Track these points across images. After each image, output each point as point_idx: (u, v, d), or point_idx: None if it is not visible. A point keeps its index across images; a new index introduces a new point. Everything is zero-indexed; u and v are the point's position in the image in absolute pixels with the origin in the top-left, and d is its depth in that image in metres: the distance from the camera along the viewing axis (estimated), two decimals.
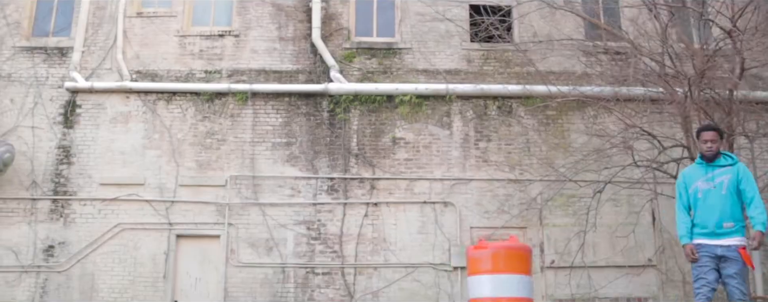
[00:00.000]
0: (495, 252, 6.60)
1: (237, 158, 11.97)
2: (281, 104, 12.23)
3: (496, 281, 6.33)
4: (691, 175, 5.75)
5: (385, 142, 12.12)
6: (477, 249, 6.79)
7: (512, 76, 12.45)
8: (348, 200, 11.85)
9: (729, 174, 5.63)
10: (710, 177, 5.63)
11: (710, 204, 5.56)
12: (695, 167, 5.79)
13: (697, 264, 5.53)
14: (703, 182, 5.63)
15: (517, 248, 6.66)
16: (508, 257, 6.53)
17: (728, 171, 5.66)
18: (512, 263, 6.48)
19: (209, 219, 11.71)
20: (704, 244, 5.54)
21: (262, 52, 12.49)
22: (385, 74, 12.48)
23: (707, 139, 5.68)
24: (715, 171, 5.66)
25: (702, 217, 5.57)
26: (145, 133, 12.03)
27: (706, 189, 5.59)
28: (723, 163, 5.72)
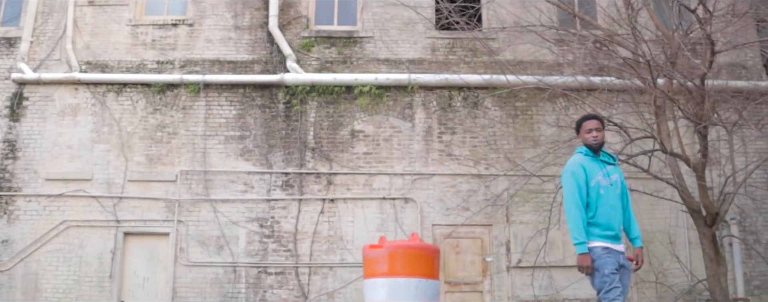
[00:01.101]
0: (392, 253, 5.87)
1: (188, 152, 11.44)
2: (235, 96, 11.69)
3: (393, 285, 5.64)
4: (590, 167, 4.95)
5: (344, 135, 11.54)
6: (373, 249, 6.10)
7: (479, 65, 11.81)
8: (303, 196, 11.28)
9: (617, 174, 5.06)
10: (607, 173, 4.97)
11: (613, 203, 4.90)
12: (588, 159, 5.02)
13: (608, 271, 4.68)
14: (602, 177, 4.93)
15: (419, 248, 5.96)
16: (407, 258, 5.82)
17: (616, 171, 5.09)
18: (412, 265, 5.78)
19: (158, 216, 11.19)
20: (612, 249, 4.79)
21: (216, 42, 11.95)
22: (345, 64, 11.89)
23: (591, 128, 5.02)
24: (607, 167, 5.02)
25: (606, 217, 4.83)
26: (93, 127, 11.55)
27: (606, 186, 4.91)
28: (609, 160, 5.13)
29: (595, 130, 4.98)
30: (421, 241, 6.24)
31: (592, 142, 4.97)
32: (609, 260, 4.68)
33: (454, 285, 10.99)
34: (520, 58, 11.59)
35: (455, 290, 10.98)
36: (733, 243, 11.00)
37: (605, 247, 4.74)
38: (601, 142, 5.00)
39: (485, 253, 11.19)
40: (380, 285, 5.73)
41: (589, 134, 4.99)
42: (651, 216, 11.17)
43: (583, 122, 5.08)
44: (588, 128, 5.02)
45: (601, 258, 4.69)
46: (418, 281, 5.68)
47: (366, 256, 5.99)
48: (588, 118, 5.11)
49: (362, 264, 6.18)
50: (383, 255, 5.84)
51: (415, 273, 5.71)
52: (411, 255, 5.81)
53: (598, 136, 4.98)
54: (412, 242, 6.07)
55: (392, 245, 5.90)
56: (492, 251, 11.17)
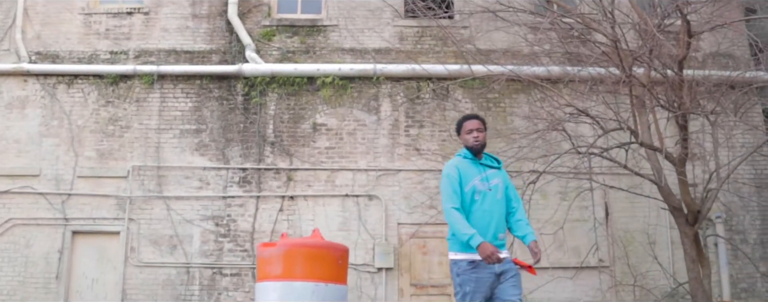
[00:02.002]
0: (287, 252, 5.16)
1: (141, 147, 10.84)
2: (191, 87, 11.08)
3: (287, 290, 4.93)
4: (466, 171, 4.61)
5: (305, 129, 10.91)
6: (266, 248, 5.40)
7: (449, 55, 11.16)
8: (261, 193, 10.66)
9: (499, 178, 4.72)
10: (485, 178, 4.63)
11: (487, 209, 4.54)
12: (466, 162, 4.69)
13: (470, 289, 4.33)
14: (479, 182, 4.59)
15: (319, 247, 5.26)
16: (305, 259, 5.11)
17: (498, 175, 4.74)
18: (311, 267, 5.07)
19: (108, 214, 10.60)
20: (480, 262, 4.35)
21: (173, 31, 11.35)
22: (308, 54, 11.26)
23: (472, 128, 4.68)
24: (487, 171, 4.69)
25: (479, 224, 4.45)
26: (42, 120, 10.97)
27: (483, 191, 4.57)
28: (491, 164, 4.79)
29: (477, 130, 4.66)
30: (322, 239, 5.55)
31: (473, 143, 4.64)
32: (472, 276, 4.34)
33: (420, 288, 10.34)
34: (494, 47, 10.91)
35: (421, 293, 10.33)
36: (719, 243, 10.29)
37: (471, 261, 4.36)
38: (482, 143, 4.68)
39: None
40: (272, 290, 5.04)
41: (470, 135, 4.66)
42: (630, 214, 10.49)
43: (464, 122, 4.74)
44: (469, 128, 4.68)
45: (465, 274, 4.35)
46: (316, 285, 5.00)
47: (259, 256, 5.32)
48: (469, 117, 4.78)
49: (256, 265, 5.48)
50: (277, 254, 5.17)
51: (313, 275, 5.04)
52: (309, 255, 5.14)
53: (479, 136, 4.65)
54: (311, 240, 5.40)
55: (288, 243, 5.24)
56: None
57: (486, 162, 4.71)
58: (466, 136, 4.68)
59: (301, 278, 5.08)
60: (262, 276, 5.26)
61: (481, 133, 4.66)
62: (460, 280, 4.35)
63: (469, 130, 4.66)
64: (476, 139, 4.62)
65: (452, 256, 4.44)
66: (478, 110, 10.95)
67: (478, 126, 4.67)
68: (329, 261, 5.22)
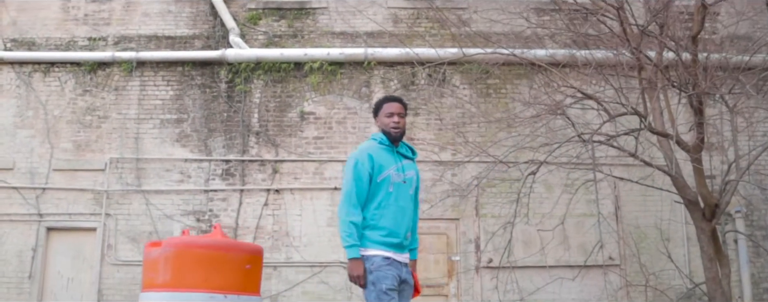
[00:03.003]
0: (176, 254, 4.12)
1: (119, 138, 10.24)
2: (173, 75, 10.46)
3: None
4: (380, 158, 4.04)
5: (292, 118, 10.23)
6: (152, 248, 4.53)
7: (447, 38, 10.40)
8: (245, 186, 10.00)
9: (413, 171, 4.22)
10: (401, 168, 4.11)
11: (403, 205, 4.03)
12: (381, 149, 4.13)
13: (386, 287, 3.77)
14: (395, 172, 4.06)
15: (218, 247, 4.30)
16: (200, 262, 4.12)
17: (412, 167, 4.24)
18: (208, 273, 4.05)
19: (85, 209, 10.01)
20: (393, 260, 3.90)
21: (154, 16, 10.73)
22: (296, 38, 10.58)
23: (393, 112, 4.16)
24: (402, 161, 4.16)
25: (392, 220, 3.95)
26: (17, 110, 10.41)
27: (398, 183, 4.05)
28: (407, 154, 4.26)
29: (398, 114, 4.14)
30: (224, 237, 4.66)
31: (393, 128, 4.11)
32: (389, 273, 3.80)
33: None
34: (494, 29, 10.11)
35: None
36: (739, 239, 9.43)
37: (386, 257, 3.86)
38: (402, 130, 4.15)
39: (451, 252, 9.81)
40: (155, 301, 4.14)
41: (390, 119, 4.14)
42: (641, 208, 9.69)
43: (384, 104, 4.22)
44: (389, 112, 4.16)
45: (380, 270, 3.80)
46: (213, 297, 4.06)
47: (145, 258, 4.39)
48: (390, 99, 4.26)
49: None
50: (163, 257, 4.19)
51: (209, 284, 4.08)
52: (205, 258, 4.16)
53: (399, 122, 4.13)
54: (208, 238, 4.48)
55: (176, 242, 4.28)
56: (459, 249, 9.78)
57: (402, 151, 4.19)
58: (384, 120, 4.15)
59: (193, 287, 4.11)
60: (146, 285, 4.27)
61: (402, 118, 4.15)
62: (375, 277, 3.78)
63: (388, 113, 4.14)
64: (396, 125, 4.10)
65: (363, 252, 3.86)
66: (478, 97, 10.20)
67: (399, 110, 4.15)
68: (232, 265, 4.25)
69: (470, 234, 9.78)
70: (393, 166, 4.02)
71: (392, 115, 4.11)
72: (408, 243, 4.02)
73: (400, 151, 4.16)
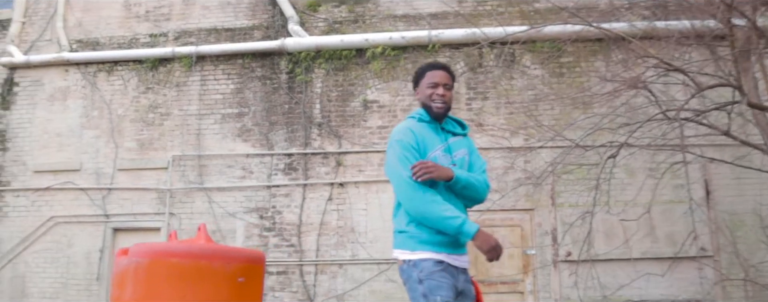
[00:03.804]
0: (146, 265, 3.51)
1: (181, 135, 10.06)
2: (233, 68, 10.19)
3: None
4: (425, 138, 3.24)
5: (355, 107, 9.76)
6: (121, 257, 3.72)
7: (515, 15, 9.66)
8: (308, 180, 9.60)
9: (465, 149, 3.39)
10: (448, 148, 3.29)
11: (455, 192, 3.20)
12: (425, 127, 3.30)
13: (441, 299, 2.98)
14: (442, 153, 3.25)
15: (199, 256, 3.50)
16: (173, 275, 3.47)
17: (463, 144, 3.40)
18: (186, 289, 3.42)
19: (149, 208, 9.88)
20: (449, 265, 3.09)
21: (214, 8, 10.50)
22: (356, 23, 10.10)
23: (437, 82, 3.30)
24: (450, 139, 3.35)
25: None
26: (83, 111, 10.42)
27: (447, 167, 3.21)
28: (454, 130, 3.42)
29: (443, 85, 3.30)
30: (210, 242, 3.90)
31: (437, 102, 3.27)
32: (443, 282, 3.01)
33: (490, 285, 8.95)
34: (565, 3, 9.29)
35: (491, 290, 8.93)
36: None
37: (439, 261, 3.06)
38: (447, 105, 3.31)
39: (526, 245, 9.08)
40: None
41: (434, 90, 3.29)
42: (736, 192, 8.66)
43: (426, 72, 3.35)
44: (432, 81, 3.31)
45: (432, 278, 3.01)
46: None
47: (114, 269, 3.75)
48: (433, 66, 3.38)
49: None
50: (132, 268, 3.55)
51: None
52: (181, 269, 3.36)
53: (445, 95, 3.29)
54: (189, 244, 3.75)
55: (146, 251, 3.57)
56: (535, 242, 9.04)
57: (449, 128, 3.38)
58: (426, 91, 3.31)
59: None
60: (113, 300, 3.70)
61: (448, 90, 3.32)
62: (426, 287, 3.00)
63: (431, 84, 3.30)
64: (441, 99, 3.27)
65: (408, 256, 3.10)
66: (550, 77, 9.41)
67: (444, 79, 3.31)
68: (220, 278, 3.53)
69: (546, 226, 9.01)
70: (439, 147, 3.24)
71: (436, 86, 3.28)
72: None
73: (447, 127, 3.36)
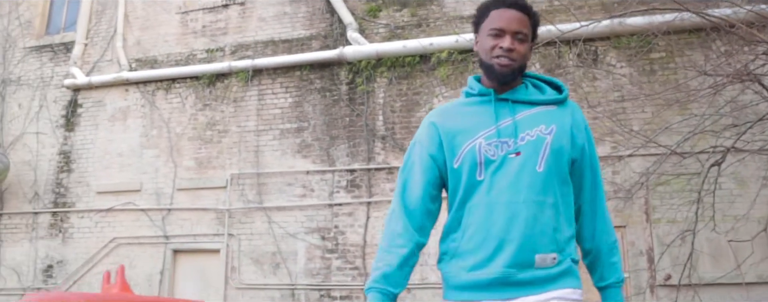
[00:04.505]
0: None
1: (239, 152, 9.56)
2: (291, 81, 9.63)
3: None
4: (461, 126, 2.11)
5: (421, 117, 8.96)
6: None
7: (596, 9, 8.64)
8: (373, 198, 8.87)
9: (554, 125, 2.09)
10: (508, 128, 2.06)
11: (509, 198, 1.99)
12: (469, 107, 2.16)
13: None
14: (487, 141, 2.05)
15: None
16: None
17: (549, 119, 2.10)
18: None
19: (208, 229, 9.41)
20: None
21: (270, 20, 10.01)
22: (420, 28, 9.33)
23: (504, 29, 2.09)
24: (519, 112, 2.10)
25: (482, 235, 2.00)
26: (143, 130, 10.12)
27: (496, 160, 2.04)
28: (536, 98, 2.14)
29: (513, 35, 2.07)
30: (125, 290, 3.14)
31: (501, 59, 2.06)
32: None
33: None
34: None
35: None
36: None
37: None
38: (518, 63, 2.09)
39: None
40: None
41: (497, 41, 2.08)
42: None
43: (489, 11, 2.13)
44: (496, 27, 2.09)
45: None
46: None
47: None
48: (499, 3, 2.12)
49: None
50: None
51: None
52: None
53: (516, 50, 2.07)
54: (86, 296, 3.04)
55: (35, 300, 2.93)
56: (628, 264, 7.91)
57: (520, 97, 2.11)
58: (486, 42, 2.11)
59: None
60: None
61: (522, 43, 2.08)
62: None
63: (495, 32, 2.09)
64: (507, 55, 2.06)
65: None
66: (640, 76, 8.31)
67: (516, 25, 2.07)
68: None
69: (640, 245, 7.89)
70: (484, 131, 2.05)
71: (501, 34, 2.08)
72: (532, 274, 1.97)
73: (515, 96, 2.11)
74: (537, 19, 2.17)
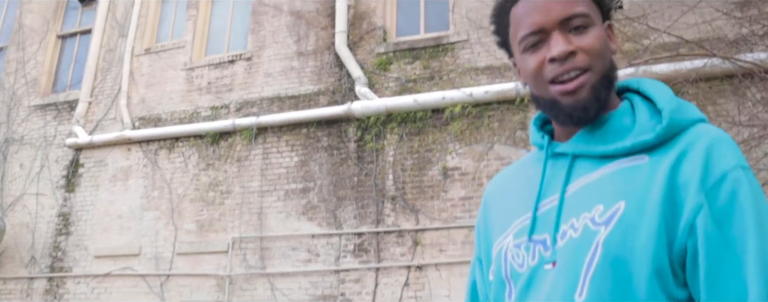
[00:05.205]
0: None
1: (241, 214, 9.01)
2: (297, 138, 9.13)
3: None
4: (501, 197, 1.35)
5: (433, 176, 8.36)
6: None
7: (619, 57, 8.06)
8: (381, 263, 8.20)
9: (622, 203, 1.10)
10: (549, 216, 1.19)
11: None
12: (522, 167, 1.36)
13: None
14: (516, 239, 1.23)
15: None
16: None
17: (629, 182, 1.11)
18: None
19: (208, 296, 8.79)
20: None
21: (277, 75, 9.59)
22: (433, 80, 8.82)
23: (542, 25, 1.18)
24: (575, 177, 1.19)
25: None
26: (144, 191, 9.65)
27: (528, 274, 1.18)
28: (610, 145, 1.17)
29: (562, 26, 1.17)
30: None
31: (568, 85, 1.16)
32: None
33: None
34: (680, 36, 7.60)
35: None
36: None
37: None
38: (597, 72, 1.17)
39: None
40: None
41: (541, 53, 1.19)
42: None
43: (511, 7, 1.25)
44: (529, 28, 1.20)
45: None
46: None
47: None
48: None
49: None
50: None
51: None
52: None
53: (578, 50, 1.16)
54: None
55: None
56: None
57: (592, 145, 1.20)
58: (525, 63, 1.23)
59: None
60: None
61: (587, 31, 1.19)
62: None
63: (530, 39, 1.21)
64: (567, 65, 1.16)
65: None
66: None
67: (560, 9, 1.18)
68: None
69: None
70: (518, 221, 1.27)
71: (541, 38, 1.20)
72: None
73: (582, 144, 1.21)
74: (607, 11, 1.26)
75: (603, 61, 1.18)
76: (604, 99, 1.18)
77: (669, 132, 1.13)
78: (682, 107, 1.18)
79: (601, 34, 1.19)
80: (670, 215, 1.06)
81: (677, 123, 1.14)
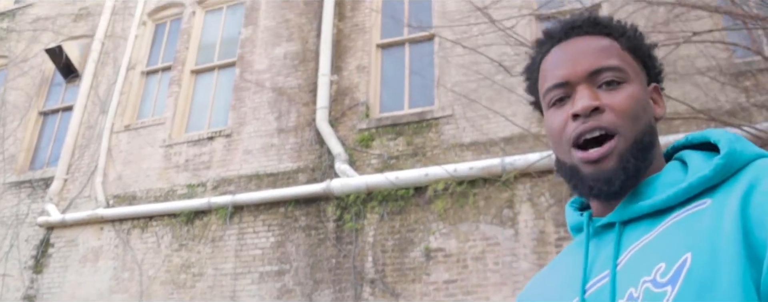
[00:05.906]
0: None
1: (213, 297, 8.44)
2: (274, 218, 8.66)
3: None
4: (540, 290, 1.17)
5: (415, 258, 7.82)
6: None
7: None
8: None
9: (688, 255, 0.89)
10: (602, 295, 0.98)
11: None
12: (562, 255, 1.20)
13: None
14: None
15: None
16: None
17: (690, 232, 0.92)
18: None
19: None
20: None
21: (256, 152, 9.24)
22: (416, 157, 8.42)
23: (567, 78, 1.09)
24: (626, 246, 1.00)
25: None
26: (113, 273, 9.13)
27: None
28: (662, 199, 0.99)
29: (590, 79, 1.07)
30: None
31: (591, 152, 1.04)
32: None
33: None
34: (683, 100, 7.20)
35: None
36: None
37: None
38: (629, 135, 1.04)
39: None
40: None
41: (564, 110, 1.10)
42: None
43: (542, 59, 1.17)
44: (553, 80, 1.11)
45: None
46: None
47: None
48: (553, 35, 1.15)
49: None
50: None
51: None
52: None
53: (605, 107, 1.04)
54: None
55: None
56: None
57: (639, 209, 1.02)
58: (549, 120, 1.13)
59: None
60: None
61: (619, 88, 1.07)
62: None
63: (554, 93, 1.11)
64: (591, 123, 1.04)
65: None
66: None
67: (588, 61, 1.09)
68: None
69: None
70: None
71: (566, 92, 1.10)
72: None
73: (630, 209, 1.03)
74: (636, 40, 1.14)
75: (635, 125, 1.04)
76: (634, 170, 1.03)
77: (730, 164, 0.97)
78: (742, 141, 1.03)
79: (637, 92, 1.07)
80: (751, 257, 0.86)
81: (738, 155, 0.98)
